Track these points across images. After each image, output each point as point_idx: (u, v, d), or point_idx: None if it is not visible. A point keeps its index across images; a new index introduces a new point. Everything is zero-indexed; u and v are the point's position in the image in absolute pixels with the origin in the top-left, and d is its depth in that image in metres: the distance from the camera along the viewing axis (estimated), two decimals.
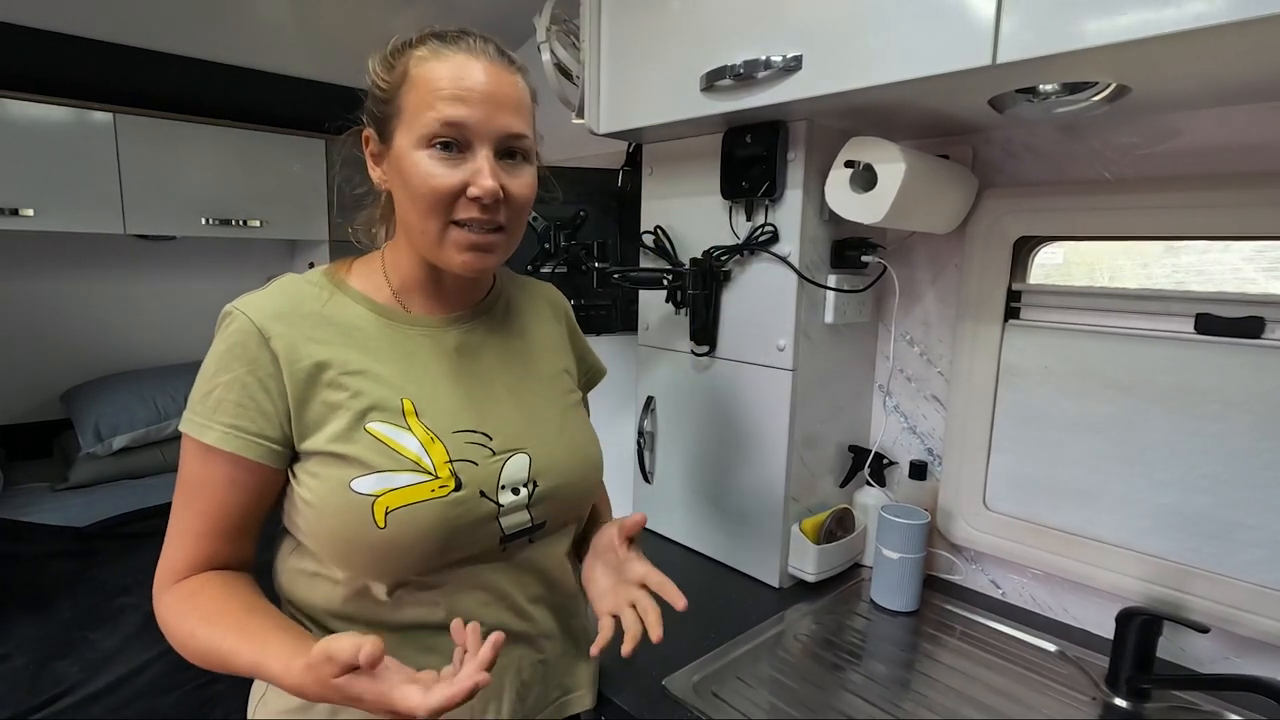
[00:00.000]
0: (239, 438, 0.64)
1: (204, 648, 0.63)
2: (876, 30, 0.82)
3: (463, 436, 0.70)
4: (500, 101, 0.67)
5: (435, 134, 0.66)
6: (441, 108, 0.65)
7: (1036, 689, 0.92)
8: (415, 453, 0.67)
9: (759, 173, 1.07)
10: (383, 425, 0.67)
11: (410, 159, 0.67)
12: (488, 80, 0.67)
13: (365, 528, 0.64)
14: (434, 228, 0.68)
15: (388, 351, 0.71)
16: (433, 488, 0.66)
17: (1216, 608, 0.91)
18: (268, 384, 0.65)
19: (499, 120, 0.67)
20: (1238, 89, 0.82)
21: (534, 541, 0.75)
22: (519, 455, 0.73)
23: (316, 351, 0.67)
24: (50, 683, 1.33)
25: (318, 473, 0.66)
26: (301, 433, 0.66)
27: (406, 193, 0.68)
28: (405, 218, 0.71)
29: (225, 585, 0.67)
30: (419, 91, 0.67)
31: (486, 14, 1.81)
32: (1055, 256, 1.12)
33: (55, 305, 2.38)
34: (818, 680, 0.93)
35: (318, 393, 0.66)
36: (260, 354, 0.65)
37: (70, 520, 1.89)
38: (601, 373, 0.96)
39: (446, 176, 0.66)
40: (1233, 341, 0.89)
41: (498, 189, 0.66)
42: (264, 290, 0.70)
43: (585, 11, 1.18)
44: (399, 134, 0.68)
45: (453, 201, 0.67)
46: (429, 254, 0.71)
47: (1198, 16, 0.60)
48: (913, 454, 1.24)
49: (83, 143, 2.02)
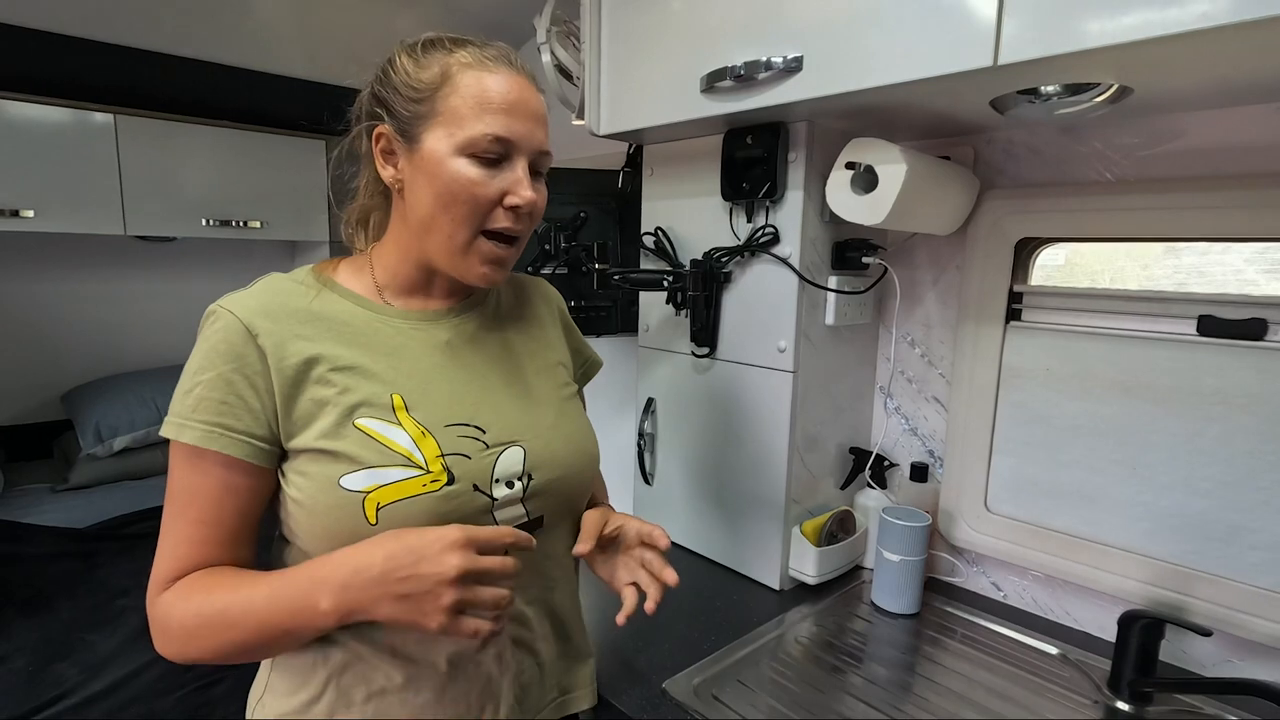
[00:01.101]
0: (223, 436, 0.63)
1: (215, 609, 0.62)
2: (877, 31, 0.81)
3: (455, 430, 0.70)
4: (538, 120, 0.71)
5: (485, 147, 0.67)
6: (494, 122, 0.67)
7: (1038, 692, 0.91)
8: (406, 447, 0.66)
9: (759, 174, 1.07)
10: (372, 420, 0.66)
11: (450, 164, 0.67)
12: (531, 99, 0.71)
13: (356, 525, 0.64)
14: (464, 235, 0.69)
15: (377, 346, 0.70)
16: (424, 482, 0.66)
17: (1219, 610, 0.90)
18: (255, 381, 0.64)
19: (537, 137, 0.71)
20: (1241, 89, 0.82)
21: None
22: (513, 448, 0.72)
23: (305, 348, 0.66)
24: (50, 684, 1.33)
25: (306, 471, 0.66)
26: (289, 431, 0.66)
27: (438, 197, 0.68)
28: (424, 220, 0.70)
29: (232, 569, 0.66)
30: (464, 99, 0.67)
31: (487, 15, 1.81)
32: (1057, 258, 1.12)
33: (55, 306, 2.38)
34: (818, 683, 0.92)
35: (306, 389, 0.66)
36: (247, 351, 0.64)
37: (70, 521, 1.89)
38: (598, 364, 0.96)
39: (487, 185, 0.68)
40: (1235, 343, 0.89)
41: (536, 200, 0.70)
42: (249, 289, 0.69)
43: (585, 12, 1.18)
44: (432, 135, 0.68)
45: (489, 210, 0.69)
46: (445, 260, 0.71)
47: (1200, 17, 0.60)
48: (914, 456, 1.23)
49: (83, 144, 2.02)
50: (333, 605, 0.59)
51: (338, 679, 0.70)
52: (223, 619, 0.62)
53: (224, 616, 0.62)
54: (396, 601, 0.58)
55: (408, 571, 0.58)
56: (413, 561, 0.58)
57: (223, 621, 0.62)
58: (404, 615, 0.59)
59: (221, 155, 2.29)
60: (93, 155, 2.04)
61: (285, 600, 0.61)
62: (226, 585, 0.63)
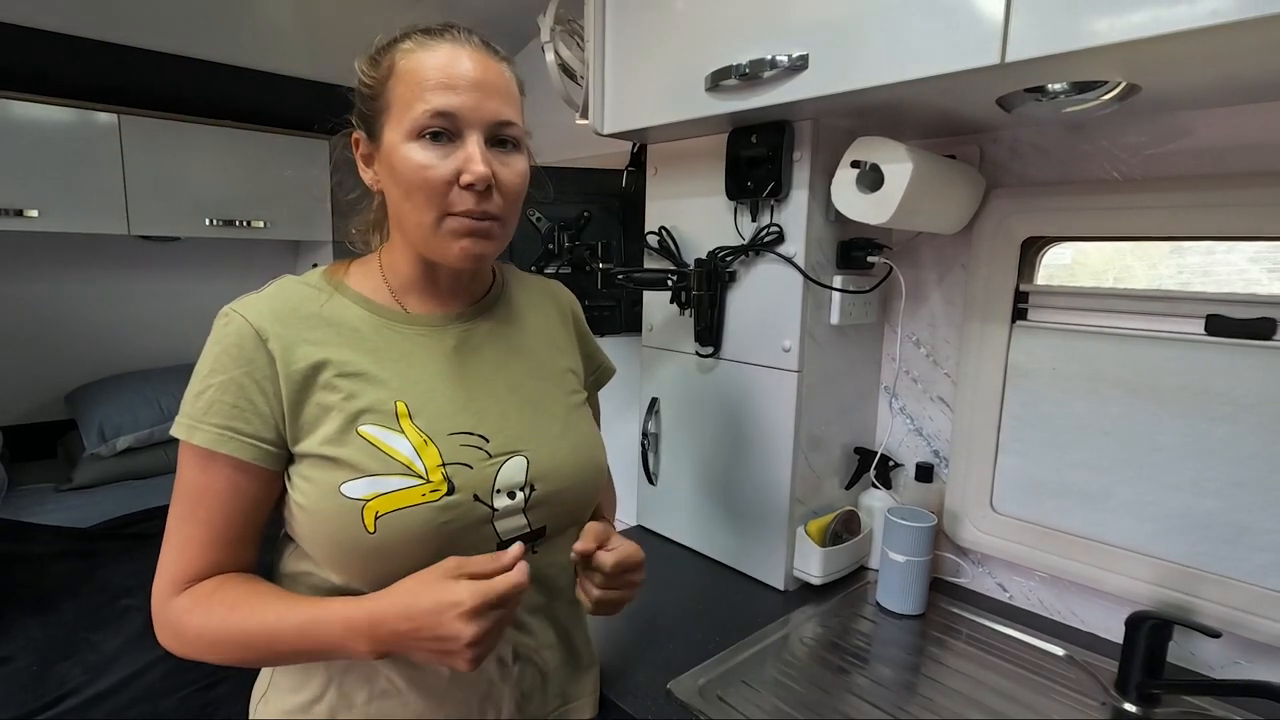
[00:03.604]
0: (233, 439, 0.64)
1: (240, 629, 0.63)
2: (883, 29, 0.81)
3: (458, 439, 0.69)
4: (489, 89, 0.67)
5: (425, 124, 0.65)
6: (430, 97, 0.65)
7: (1044, 693, 0.91)
8: (407, 456, 0.66)
9: (764, 173, 1.07)
10: (375, 428, 0.66)
11: (401, 152, 0.66)
12: (475, 68, 0.67)
13: (355, 533, 0.64)
14: (429, 219, 0.67)
15: (385, 352, 0.70)
16: (423, 492, 0.65)
17: (1227, 612, 0.90)
18: (264, 385, 0.65)
19: (488, 107, 0.67)
20: (1250, 87, 0.82)
21: (536, 551, 0.74)
22: (516, 458, 0.72)
23: (313, 353, 0.66)
24: (53, 684, 1.33)
25: (310, 476, 0.65)
26: (296, 435, 0.66)
27: (399, 188, 0.67)
28: (400, 214, 0.69)
29: (245, 580, 0.67)
30: (406, 84, 0.66)
31: (490, 14, 1.80)
32: (1063, 257, 1.11)
33: (59, 306, 2.38)
34: (823, 684, 0.92)
35: (313, 394, 0.66)
36: (257, 355, 0.65)
37: (74, 521, 1.89)
38: (610, 372, 0.95)
39: (439, 166, 0.65)
40: (1243, 343, 0.88)
41: (489, 174, 0.66)
42: (262, 292, 0.69)
43: (589, 11, 1.18)
44: (388, 129, 0.67)
45: (446, 191, 0.66)
46: (425, 248, 0.70)
47: (1210, 14, 0.59)
48: (919, 456, 1.23)
49: (87, 144, 2.03)
50: (370, 650, 0.61)
51: (340, 680, 0.70)
52: (244, 640, 0.64)
53: (247, 638, 0.63)
54: (428, 653, 0.61)
55: (430, 633, 0.59)
56: (433, 624, 0.59)
57: (243, 643, 0.64)
58: (437, 660, 0.62)
59: (225, 155, 2.29)
60: (97, 155, 2.04)
61: (319, 638, 0.62)
62: (249, 604, 0.64)
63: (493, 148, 0.68)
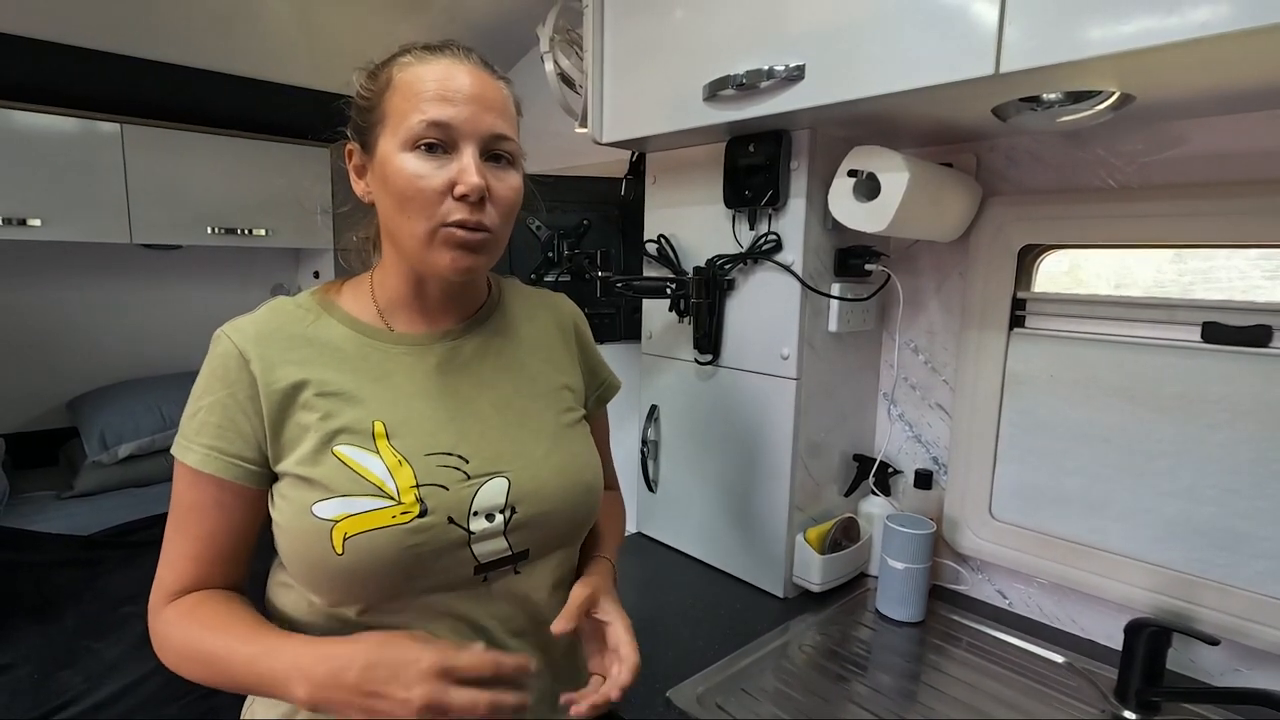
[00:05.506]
0: (218, 459, 0.65)
1: (205, 648, 0.63)
2: (879, 40, 0.82)
3: (435, 459, 0.68)
4: (485, 103, 0.67)
5: (421, 135, 0.65)
6: (427, 108, 0.65)
7: (1044, 701, 0.91)
8: (379, 477, 0.65)
9: (762, 181, 1.07)
10: (349, 448, 0.66)
11: (395, 162, 0.66)
12: (473, 82, 0.67)
13: (324, 553, 0.63)
14: (422, 230, 0.66)
15: (366, 372, 0.69)
16: (394, 514, 0.64)
17: (1226, 619, 0.90)
18: (246, 406, 0.65)
19: (484, 121, 0.67)
20: (1243, 96, 0.82)
21: (519, 572, 0.72)
22: (497, 479, 0.70)
23: (293, 373, 0.66)
24: (54, 692, 1.32)
25: (287, 495, 0.66)
26: (277, 454, 0.66)
27: (392, 198, 0.67)
28: (392, 226, 0.69)
29: (226, 600, 0.67)
30: (403, 95, 0.67)
31: (490, 24, 1.81)
32: (1060, 264, 1.12)
33: (61, 314, 2.39)
34: (823, 692, 0.92)
35: (293, 414, 0.66)
36: (240, 376, 0.65)
37: (75, 528, 1.89)
38: (615, 388, 0.92)
39: (433, 176, 0.65)
40: (1240, 350, 0.89)
41: (483, 185, 0.65)
42: (253, 313, 0.70)
43: (588, 21, 1.19)
44: (383, 140, 0.68)
45: (440, 202, 0.65)
46: (417, 259, 0.69)
47: (1202, 25, 0.60)
48: (918, 463, 1.23)
49: (90, 153, 2.03)
50: (306, 696, 0.58)
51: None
52: (207, 659, 0.63)
53: (209, 657, 0.63)
54: (362, 712, 0.57)
55: (377, 688, 0.57)
56: (386, 678, 0.57)
57: (206, 661, 0.64)
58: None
59: (227, 164, 2.30)
60: (99, 164, 2.05)
61: (264, 671, 0.61)
62: (218, 626, 0.64)
63: (487, 162, 0.68)
